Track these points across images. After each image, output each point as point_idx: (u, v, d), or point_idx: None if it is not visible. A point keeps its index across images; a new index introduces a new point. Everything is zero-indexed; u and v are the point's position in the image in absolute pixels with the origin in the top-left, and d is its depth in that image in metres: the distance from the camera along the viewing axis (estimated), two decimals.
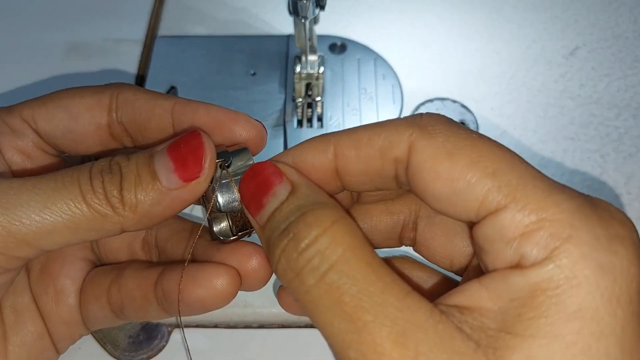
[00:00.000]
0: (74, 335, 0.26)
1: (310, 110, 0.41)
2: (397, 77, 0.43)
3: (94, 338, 0.33)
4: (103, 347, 0.32)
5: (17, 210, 0.20)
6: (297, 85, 0.41)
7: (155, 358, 0.32)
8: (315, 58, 0.40)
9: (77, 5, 0.48)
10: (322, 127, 0.40)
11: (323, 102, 0.41)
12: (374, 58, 0.44)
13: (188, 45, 0.45)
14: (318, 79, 0.41)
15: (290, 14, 0.34)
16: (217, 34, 0.46)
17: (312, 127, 0.41)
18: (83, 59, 0.45)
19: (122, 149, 0.26)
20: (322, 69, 0.40)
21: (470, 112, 0.42)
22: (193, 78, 0.43)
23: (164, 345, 0.33)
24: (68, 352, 0.27)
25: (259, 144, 0.24)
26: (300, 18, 0.34)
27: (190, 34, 0.46)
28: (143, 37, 0.46)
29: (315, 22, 0.37)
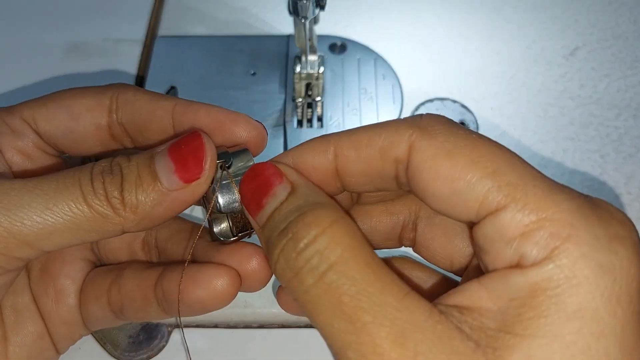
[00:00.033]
0: (74, 336, 0.27)
1: (310, 110, 0.41)
2: (397, 77, 0.43)
3: (94, 338, 0.33)
4: (103, 347, 0.32)
5: (18, 211, 0.20)
6: (297, 85, 0.41)
7: (155, 358, 0.32)
8: (315, 58, 0.40)
9: (77, 5, 0.48)
10: (322, 127, 0.40)
11: (323, 102, 0.41)
12: (374, 58, 0.44)
13: (188, 45, 0.45)
14: (318, 79, 0.41)
15: (290, 14, 0.34)
16: (217, 34, 0.46)
17: (312, 127, 0.40)
18: (83, 59, 0.45)
19: (122, 150, 0.26)
20: (322, 69, 0.40)
21: (470, 112, 0.42)
22: (193, 78, 0.43)
23: (164, 345, 0.33)
24: (68, 352, 0.27)
25: (260, 145, 0.24)
26: (300, 18, 0.34)
27: (190, 34, 0.46)
28: (143, 37, 0.46)
29: (315, 22, 0.37)
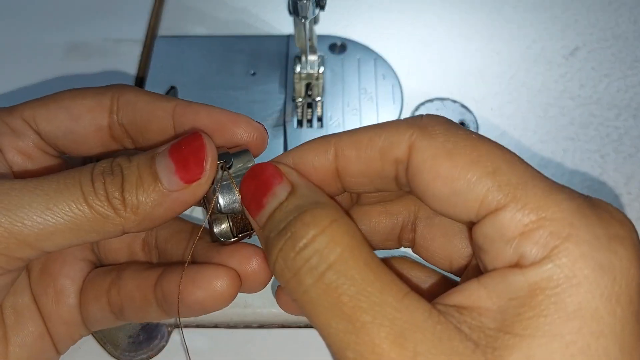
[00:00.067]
0: (74, 336, 0.27)
1: (310, 110, 0.41)
2: (397, 77, 0.43)
3: (94, 338, 0.33)
4: (103, 347, 0.32)
5: (19, 212, 0.20)
6: (297, 85, 0.41)
7: (155, 358, 0.32)
8: (315, 58, 0.40)
9: (77, 5, 0.48)
10: (322, 127, 0.40)
11: (323, 102, 0.41)
12: (374, 58, 0.44)
13: (188, 45, 0.45)
14: (318, 79, 0.41)
15: (290, 14, 0.34)
16: (217, 34, 0.46)
17: (312, 127, 0.40)
18: (83, 59, 0.45)
19: (123, 151, 0.26)
20: (322, 69, 0.40)
21: (470, 112, 0.42)
22: (193, 78, 0.43)
23: (164, 345, 0.33)
24: (68, 351, 0.27)
25: (260, 146, 0.24)
26: (300, 18, 0.34)
27: (190, 34, 0.46)
28: (143, 37, 0.46)
29: (315, 22, 0.37)
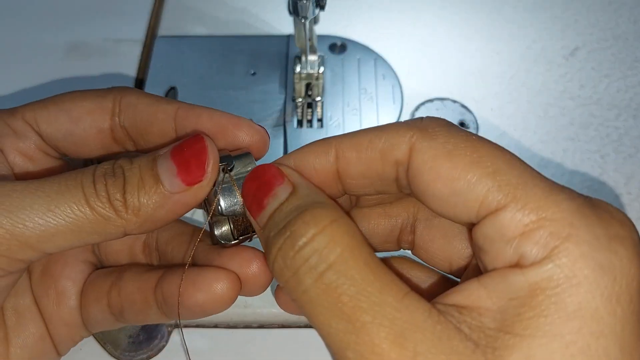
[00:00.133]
0: (75, 337, 0.26)
1: (310, 110, 0.41)
2: (397, 77, 0.43)
3: (95, 338, 0.33)
4: (103, 347, 0.32)
5: (20, 213, 0.20)
6: (297, 85, 0.41)
7: (155, 358, 0.32)
8: (315, 58, 0.40)
9: (77, 5, 0.48)
10: (322, 127, 0.40)
11: (323, 102, 0.41)
12: (374, 58, 0.44)
13: (188, 46, 0.45)
14: (318, 79, 0.41)
15: (290, 14, 0.34)
16: (217, 34, 0.46)
17: (312, 127, 0.40)
18: (83, 59, 0.45)
19: (124, 153, 0.26)
20: (322, 69, 0.40)
21: (470, 112, 0.42)
22: (193, 78, 0.43)
23: (164, 345, 0.33)
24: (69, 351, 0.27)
25: (262, 149, 0.24)
26: (300, 18, 0.34)
27: (190, 34, 0.46)
28: (143, 37, 0.46)
29: (315, 22, 0.37)
